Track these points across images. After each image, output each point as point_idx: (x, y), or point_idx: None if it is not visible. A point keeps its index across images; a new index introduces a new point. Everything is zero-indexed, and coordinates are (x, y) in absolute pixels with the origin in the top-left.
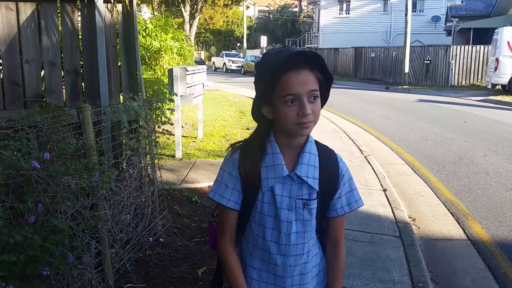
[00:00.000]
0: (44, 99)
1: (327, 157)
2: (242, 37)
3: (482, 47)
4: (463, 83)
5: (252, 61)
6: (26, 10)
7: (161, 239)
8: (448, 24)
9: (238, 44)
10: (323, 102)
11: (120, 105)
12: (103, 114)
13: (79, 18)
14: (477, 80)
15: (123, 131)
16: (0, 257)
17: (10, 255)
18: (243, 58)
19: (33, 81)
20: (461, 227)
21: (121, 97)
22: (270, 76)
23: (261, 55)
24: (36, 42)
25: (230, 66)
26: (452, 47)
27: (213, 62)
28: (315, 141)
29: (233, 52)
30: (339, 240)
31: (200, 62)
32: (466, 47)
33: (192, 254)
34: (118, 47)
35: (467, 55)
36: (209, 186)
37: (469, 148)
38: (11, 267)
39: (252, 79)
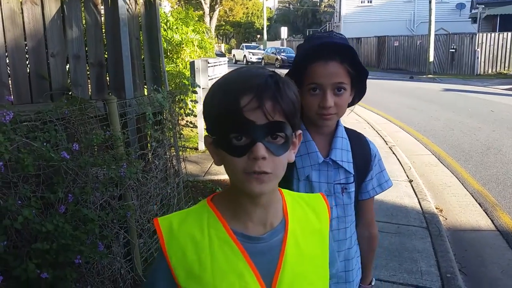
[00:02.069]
0: (70, 92)
1: (358, 140)
2: (262, 28)
3: (509, 34)
4: (490, 71)
5: (272, 53)
6: (51, 4)
7: None
8: (473, 11)
9: (258, 36)
10: (360, 96)
11: (144, 97)
12: (128, 106)
13: (103, 11)
14: (504, 68)
15: (148, 123)
16: (34, 245)
17: (43, 244)
18: (264, 50)
19: (59, 74)
20: (490, 218)
21: (145, 89)
22: (300, 63)
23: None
24: (61, 36)
25: (251, 58)
26: (477, 34)
27: (234, 55)
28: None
29: (253, 44)
30: (372, 221)
31: (220, 54)
32: (493, 34)
33: None
34: (141, 39)
35: (493, 43)
36: None
37: (497, 137)
38: (44, 255)
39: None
